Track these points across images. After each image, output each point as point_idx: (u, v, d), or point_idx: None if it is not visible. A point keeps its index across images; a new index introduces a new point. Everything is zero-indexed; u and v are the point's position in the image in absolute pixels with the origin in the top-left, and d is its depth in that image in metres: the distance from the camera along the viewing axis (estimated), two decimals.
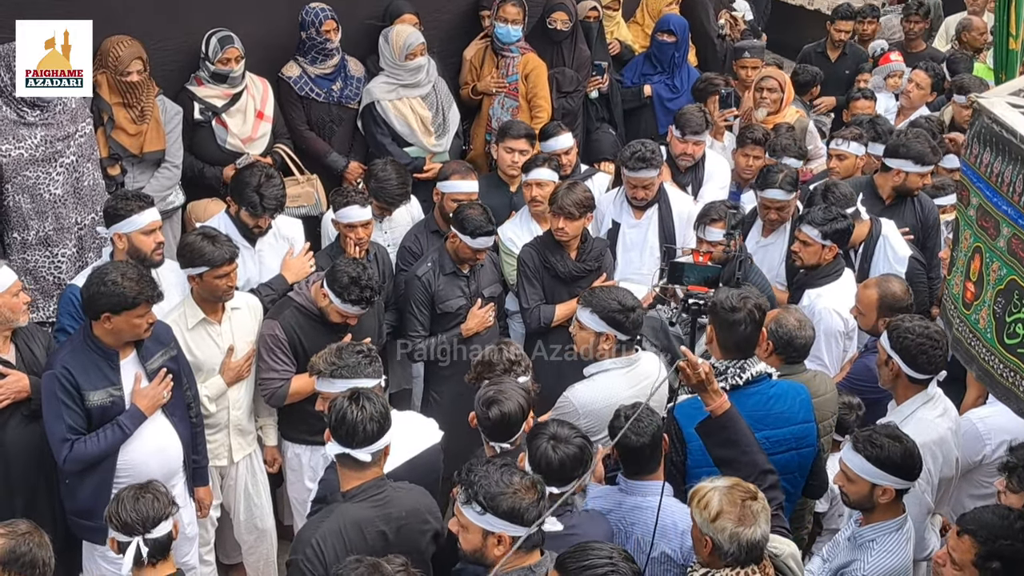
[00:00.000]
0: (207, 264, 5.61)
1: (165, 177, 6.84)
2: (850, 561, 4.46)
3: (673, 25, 9.06)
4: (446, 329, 6.55)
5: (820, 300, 6.18)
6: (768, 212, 6.96)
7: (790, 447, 4.93)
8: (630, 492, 4.60)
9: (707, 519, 3.83)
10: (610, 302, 5.33)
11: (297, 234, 6.63)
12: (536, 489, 3.97)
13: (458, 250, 6.45)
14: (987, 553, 4.02)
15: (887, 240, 6.70)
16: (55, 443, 5.10)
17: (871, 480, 4.42)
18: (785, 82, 8.58)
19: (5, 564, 3.98)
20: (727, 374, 4.87)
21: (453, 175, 6.89)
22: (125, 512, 4.33)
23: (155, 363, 5.30)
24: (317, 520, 4.35)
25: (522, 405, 4.76)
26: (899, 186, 7.12)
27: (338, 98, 7.58)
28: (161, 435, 5.35)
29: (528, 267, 6.67)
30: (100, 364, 5.16)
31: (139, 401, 5.21)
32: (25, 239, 6.30)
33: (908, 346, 5.00)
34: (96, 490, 5.19)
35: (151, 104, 6.68)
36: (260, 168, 6.35)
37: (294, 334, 5.91)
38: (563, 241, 6.62)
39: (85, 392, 5.09)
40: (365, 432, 4.32)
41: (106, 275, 5.04)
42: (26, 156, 6.20)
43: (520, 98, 8.17)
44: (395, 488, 4.50)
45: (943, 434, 5.01)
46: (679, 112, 7.80)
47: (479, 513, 3.91)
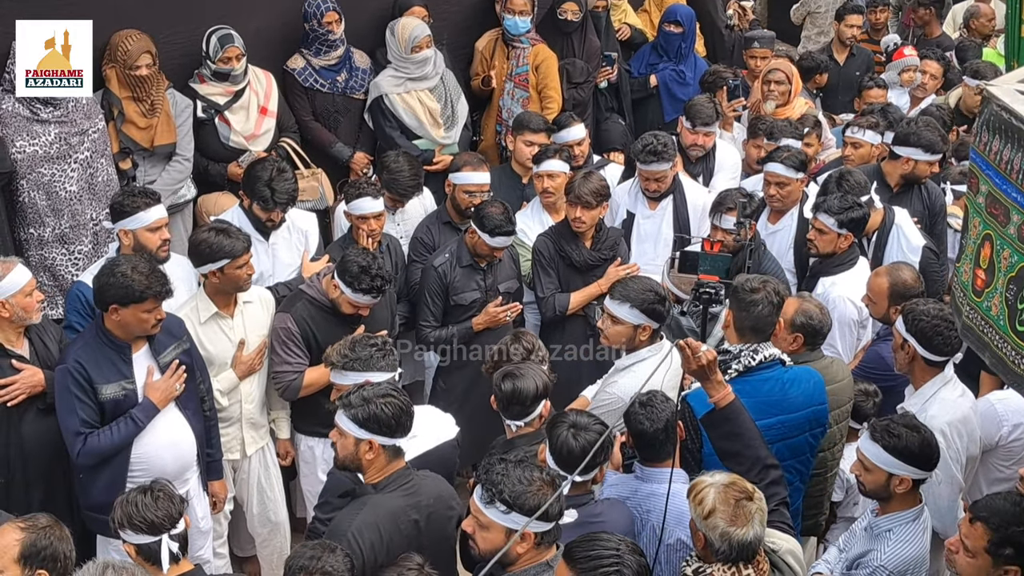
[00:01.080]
0: (227, 256, 5.63)
1: (176, 170, 6.86)
2: (867, 551, 4.45)
3: (680, 16, 9.07)
4: (458, 321, 6.56)
5: (835, 288, 6.19)
6: (768, 188, 6.96)
7: (804, 430, 4.95)
8: (646, 479, 4.61)
9: (700, 515, 3.84)
10: (647, 294, 5.31)
11: (311, 227, 6.66)
12: (555, 485, 3.99)
13: (476, 245, 6.45)
14: (1000, 540, 4.01)
15: (900, 229, 6.69)
16: (69, 437, 5.12)
17: (888, 470, 4.41)
18: (792, 73, 8.57)
19: (27, 558, 3.96)
20: (740, 356, 4.89)
21: (465, 167, 6.90)
22: (150, 512, 4.31)
23: (168, 356, 5.31)
24: (351, 513, 4.35)
25: (537, 384, 4.80)
26: (908, 174, 7.12)
27: (343, 89, 7.61)
28: (175, 429, 5.36)
29: (544, 256, 6.68)
30: (112, 358, 5.17)
31: (152, 394, 5.22)
32: (42, 236, 6.33)
33: (923, 328, 5.01)
34: (110, 484, 5.19)
35: (161, 98, 6.69)
36: (272, 162, 6.38)
37: (307, 327, 5.92)
38: (580, 231, 6.64)
39: (98, 386, 5.11)
40: (406, 422, 4.40)
41: (117, 267, 5.07)
42: (40, 153, 6.23)
43: (530, 89, 8.17)
44: (421, 476, 4.54)
45: (966, 412, 5.04)
46: (689, 103, 7.82)
47: (504, 512, 3.92)
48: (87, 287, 5.48)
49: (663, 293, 5.36)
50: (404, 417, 4.41)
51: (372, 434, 4.34)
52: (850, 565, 4.54)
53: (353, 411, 4.35)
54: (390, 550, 4.27)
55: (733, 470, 4.19)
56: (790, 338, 5.29)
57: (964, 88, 8.76)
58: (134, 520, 4.31)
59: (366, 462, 4.39)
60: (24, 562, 3.96)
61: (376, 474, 4.42)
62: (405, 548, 4.29)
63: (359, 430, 4.35)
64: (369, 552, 4.22)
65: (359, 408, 4.34)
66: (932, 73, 9.39)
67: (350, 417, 4.35)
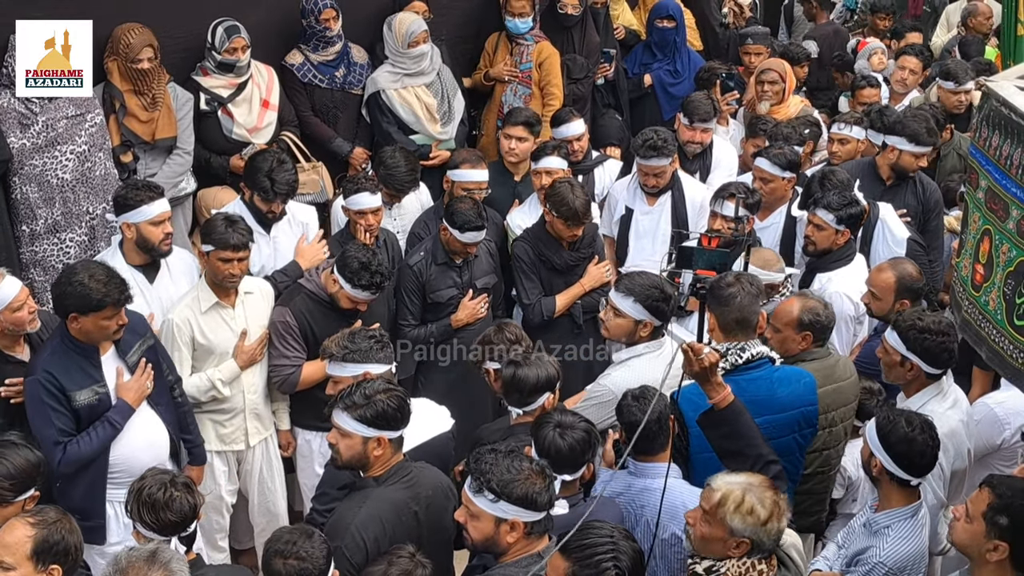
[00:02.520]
0: (213, 244, 5.67)
1: (177, 164, 6.87)
2: (866, 547, 4.45)
3: (671, 10, 9.08)
4: (437, 319, 6.57)
5: (831, 284, 6.21)
6: (755, 183, 7.01)
7: (792, 431, 4.94)
8: (639, 474, 4.62)
9: (757, 523, 3.85)
10: (652, 290, 5.32)
11: (311, 220, 6.68)
12: (545, 475, 4.01)
13: (448, 242, 6.46)
14: (999, 506, 3.97)
15: (885, 224, 6.74)
16: (47, 448, 4.98)
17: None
18: (786, 71, 8.56)
19: (39, 554, 3.94)
20: (727, 355, 4.86)
21: (463, 164, 6.91)
22: (171, 513, 4.22)
23: (134, 356, 5.26)
24: (353, 507, 4.36)
25: (539, 375, 4.83)
26: (894, 164, 7.16)
27: (341, 84, 7.62)
28: (149, 428, 5.34)
29: (524, 262, 6.65)
30: (81, 363, 5.12)
31: (125, 395, 5.20)
32: (34, 230, 6.33)
33: (929, 347, 4.96)
34: (89, 489, 5.19)
35: (162, 91, 6.70)
36: (272, 154, 6.41)
37: (305, 320, 5.95)
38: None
39: (70, 393, 5.05)
40: (408, 411, 4.44)
41: (74, 275, 5.01)
42: (29, 145, 6.25)
43: (533, 85, 8.19)
44: (419, 468, 4.57)
45: (954, 426, 4.98)
46: (687, 100, 7.85)
47: (492, 501, 3.94)
48: None
49: (669, 292, 5.35)
50: (407, 407, 4.45)
51: (380, 430, 4.35)
52: (849, 561, 4.54)
53: (359, 411, 4.32)
54: (393, 543, 4.28)
55: (733, 468, 4.21)
56: (798, 337, 5.30)
57: (939, 89, 8.75)
58: (146, 519, 4.24)
59: (374, 458, 4.39)
60: (37, 558, 3.95)
61: (380, 468, 4.43)
62: (406, 540, 4.29)
63: (368, 429, 4.33)
64: (373, 546, 4.24)
65: (364, 407, 4.33)
66: (911, 68, 9.36)
67: (357, 417, 4.33)
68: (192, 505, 4.29)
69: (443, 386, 6.44)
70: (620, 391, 5.05)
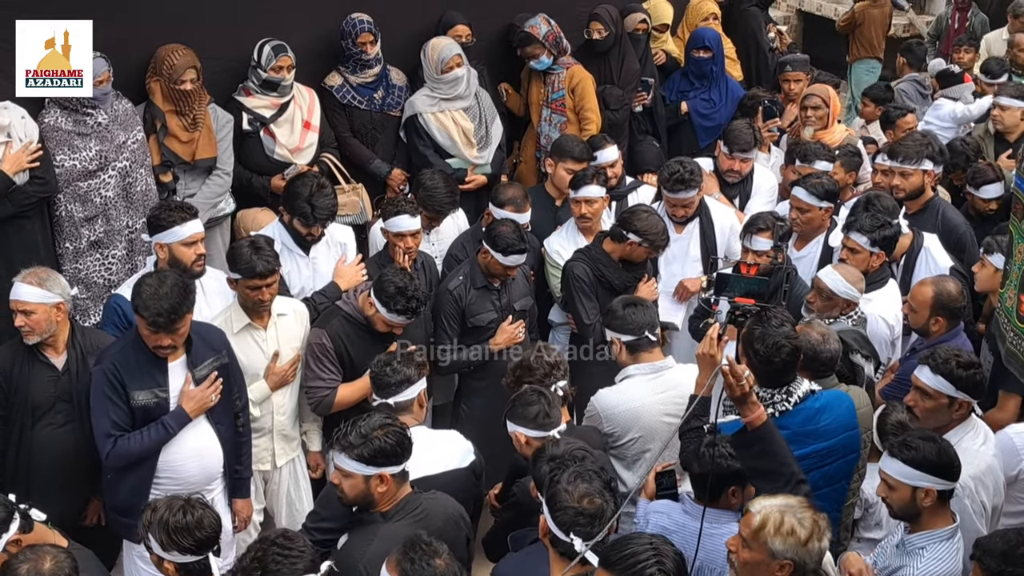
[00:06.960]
0: (240, 272, 5.68)
1: (216, 184, 6.92)
2: (898, 567, 4.41)
3: (708, 40, 8.99)
4: (475, 343, 6.53)
5: (869, 305, 6.15)
6: (791, 212, 6.99)
7: (838, 456, 4.91)
8: (696, 517, 4.50)
9: (798, 544, 3.82)
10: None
11: (349, 240, 6.69)
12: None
13: (489, 265, 6.42)
14: None
15: (928, 252, 6.70)
16: (99, 438, 5.13)
17: (911, 483, 4.36)
18: (830, 97, 8.49)
19: None
20: (774, 402, 4.81)
21: (508, 205, 6.79)
22: (203, 530, 4.21)
23: (204, 369, 5.30)
24: (361, 544, 4.35)
25: (538, 412, 4.88)
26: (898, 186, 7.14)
27: (380, 106, 7.66)
28: (203, 440, 5.36)
29: (584, 283, 6.62)
30: (148, 365, 5.17)
31: (186, 403, 5.23)
32: (77, 248, 6.39)
33: (980, 381, 4.99)
34: (135, 489, 5.22)
35: (203, 112, 6.76)
36: (312, 177, 6.42)
37: (341, 343, 5.94)
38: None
39: (131, 391, 5.12)
40: (409, 444, 4.44)
41: (144, 281, 5.09)
42: (79, 168, 6.31)
43: (568, 112, 8.16)
44: (428, 499, 4.55)
45: (990, 462, 4.94)
46: (727, 129, 7.83)
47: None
48: (124, 300, 5.51)
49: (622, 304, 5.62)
50: (406, 441, 4.42)
51: (381, 467, 4.35)
52: None
53: (357, 450, 4.32)
54: None
55: (764, 487, 4.19)
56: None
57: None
58: (183, 544, 4.17)
59: (379, 495, 4.40)
60: None
61: (387, 503, 4.43)
62: None
63: (367, 467, 4.34)
64: None
65: (361, 447, 4.33)
66: None
67: (355, 457, 4.32)
68: (216, 516, 4.31)
69: (483, 411, 6.43)
70: (604, 409, 5.44)
